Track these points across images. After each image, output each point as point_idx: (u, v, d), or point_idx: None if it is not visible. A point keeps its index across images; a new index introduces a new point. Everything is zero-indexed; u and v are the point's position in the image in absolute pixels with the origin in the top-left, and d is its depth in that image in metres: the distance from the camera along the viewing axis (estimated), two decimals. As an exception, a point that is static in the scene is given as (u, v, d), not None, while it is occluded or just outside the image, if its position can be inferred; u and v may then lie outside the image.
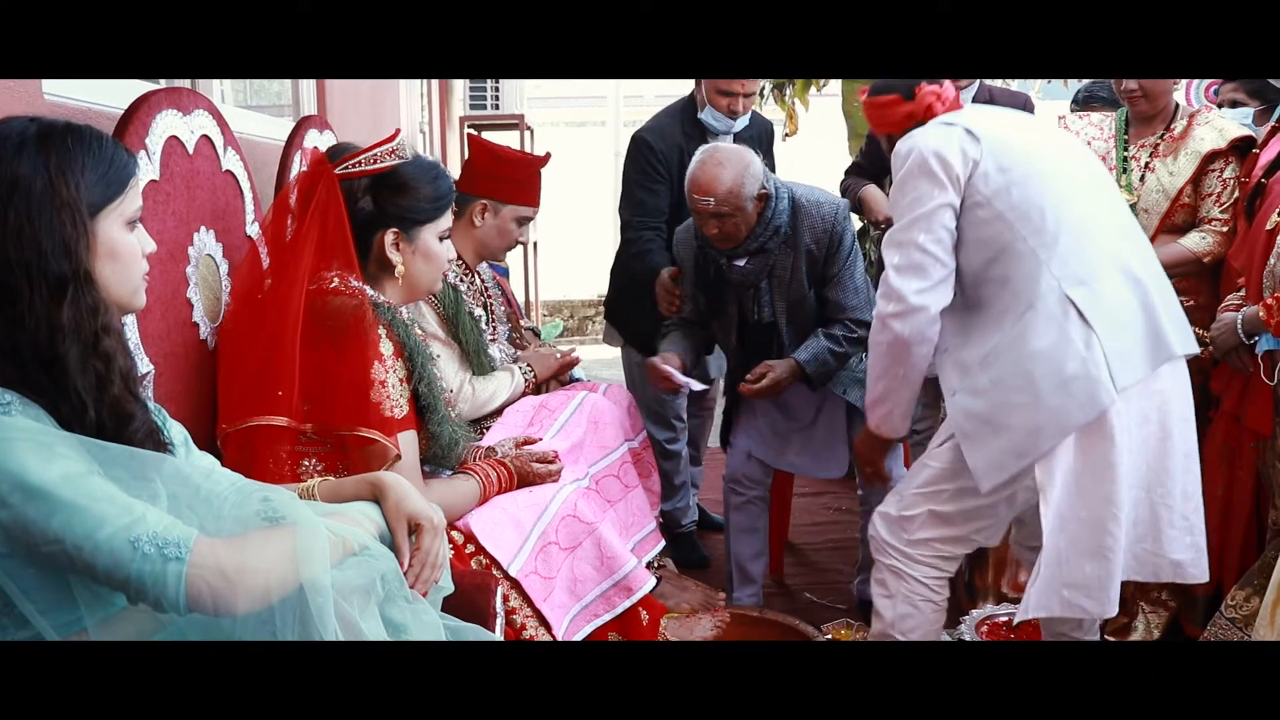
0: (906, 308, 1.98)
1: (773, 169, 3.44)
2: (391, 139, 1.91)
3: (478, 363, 2.46)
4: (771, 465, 2.94)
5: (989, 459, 1.95)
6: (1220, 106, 3.23)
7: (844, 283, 2.69)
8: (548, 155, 2.69)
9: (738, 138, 3.20)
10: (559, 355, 2.70)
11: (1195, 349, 1.99)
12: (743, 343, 2.81)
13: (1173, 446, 1.97)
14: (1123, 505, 1.90)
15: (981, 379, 1.96)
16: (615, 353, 3.68)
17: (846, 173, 3.45)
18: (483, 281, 2.64)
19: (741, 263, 2.67)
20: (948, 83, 2.16)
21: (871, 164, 3.32)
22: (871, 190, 3.24)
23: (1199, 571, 2.00)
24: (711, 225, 2.59)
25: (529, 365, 2.61)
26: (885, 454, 2.35)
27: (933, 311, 1.99)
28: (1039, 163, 2.00)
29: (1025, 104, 3.23)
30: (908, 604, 2.09)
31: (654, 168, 3.13)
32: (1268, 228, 2.36)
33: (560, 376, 2.72)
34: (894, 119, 2.17)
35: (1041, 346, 1.89)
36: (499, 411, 2.48)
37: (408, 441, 1.86)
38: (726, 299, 2.77)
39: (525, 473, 2.12)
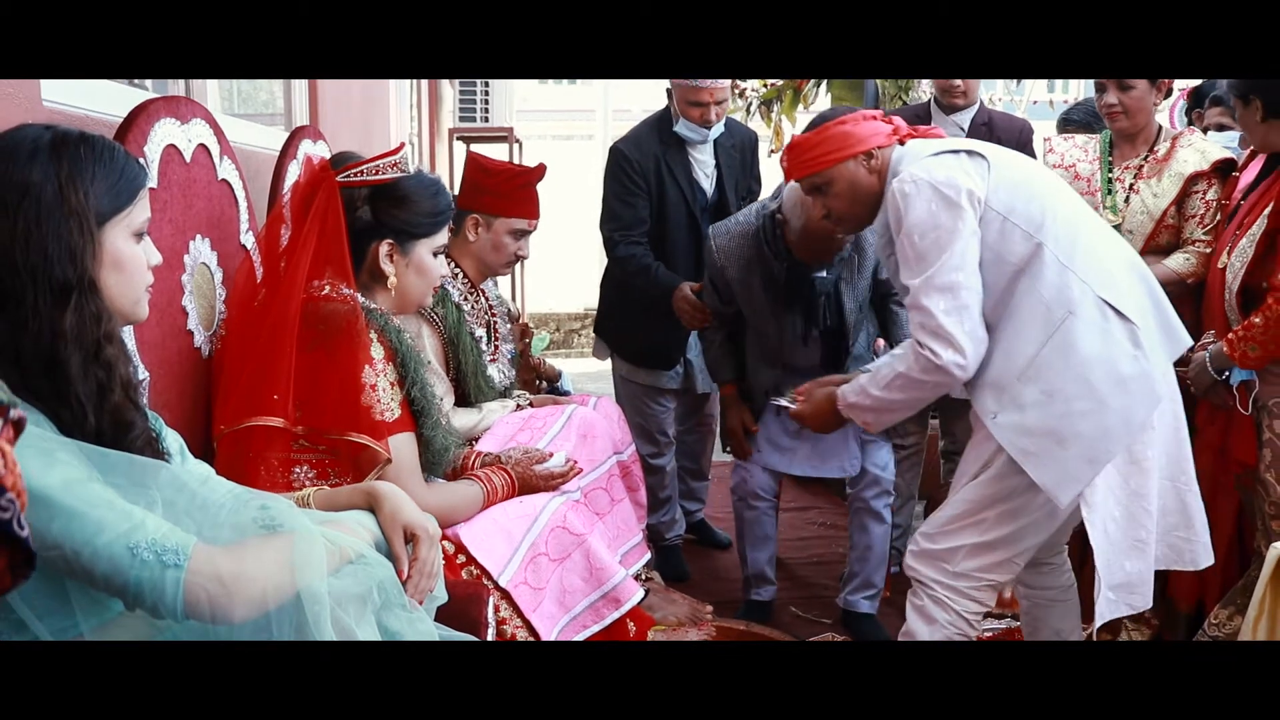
0: (966, 349, 1.95)
1: (759, 180, 3.44)
2: (395, 152, 1.94)
3: (475, 385, 2.46)
4: (785, 472, 2.94)
5: (1061, 472, 1.89)
6: (1205, 131, 3.27)
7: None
8: (541, 167, 2.62)
9: (718, 146, 3.20)
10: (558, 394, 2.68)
11: (1191, 342, 2.08)
12: (805, 349, 2.75)
13: (1184, 435, 2.02)
14: (1152, 497, 1.92)
15: (1026, 393, 1.92)
16: (602, 366, 3.69)
17: None
18: (487, 300, 2.65)
19: (824, 273, 2.62)
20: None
21: None
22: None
23: (1211, 554, 2.04)
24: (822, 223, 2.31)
25: (529, 398, 2.62)
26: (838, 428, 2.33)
27: (983, 345, 1.98)
28: (1036, 179, 2.03)
29: (1023, 129, 3.25)
30: (944, 636, 2.07)
31: (630, 179, 3.13)
32: (1219, 265, 2.40)
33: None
34: (858, 139, 2.10)
35: (1092, 351, 1.89)
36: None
37: (404, 444, 1.87)
38: (792, 309, 2.69)
39: (528, 478, 2.13)
